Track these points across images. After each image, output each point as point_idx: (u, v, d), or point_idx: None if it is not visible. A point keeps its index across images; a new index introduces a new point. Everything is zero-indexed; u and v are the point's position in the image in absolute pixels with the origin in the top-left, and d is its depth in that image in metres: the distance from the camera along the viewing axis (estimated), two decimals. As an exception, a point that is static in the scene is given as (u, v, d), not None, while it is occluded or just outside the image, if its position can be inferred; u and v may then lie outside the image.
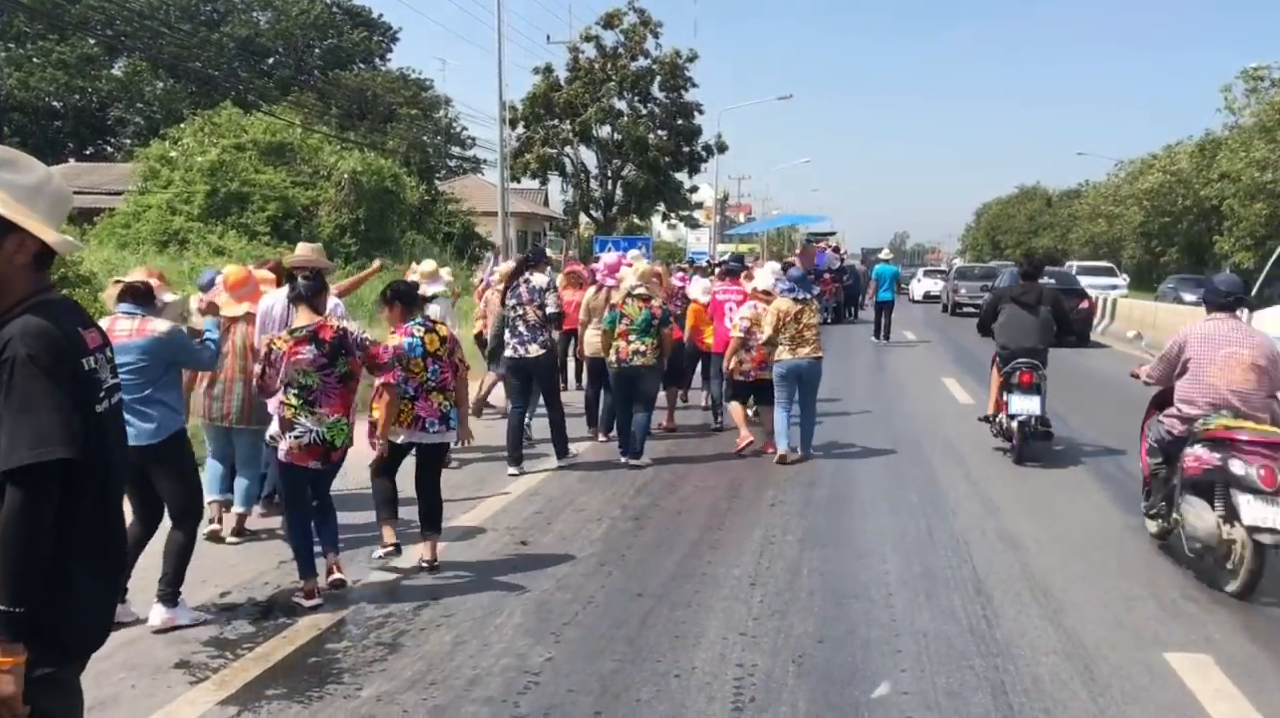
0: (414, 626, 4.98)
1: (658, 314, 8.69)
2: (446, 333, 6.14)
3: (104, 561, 2.34)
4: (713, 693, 4.19)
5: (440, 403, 5.98)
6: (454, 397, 6.08)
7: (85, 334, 2.31)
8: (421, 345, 5.94)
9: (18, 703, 2.11)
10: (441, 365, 6.01)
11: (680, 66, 38.08)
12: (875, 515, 7.15)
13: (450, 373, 6.07)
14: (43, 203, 2.24)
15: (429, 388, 5.96)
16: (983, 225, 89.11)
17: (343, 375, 5.36)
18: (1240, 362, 5.73)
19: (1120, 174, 45.84)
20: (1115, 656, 4.60)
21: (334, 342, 5.32)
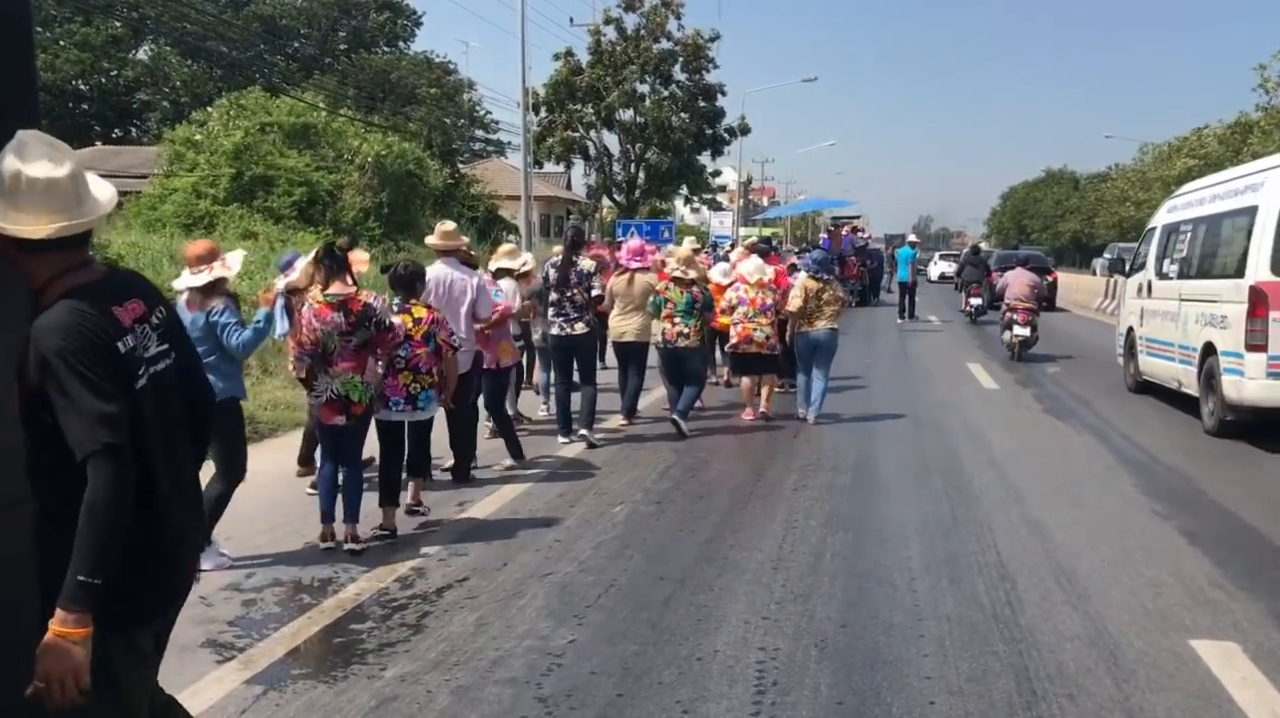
0: (437, 607, 5.01)
1: (699, 298, 9.33)
2: (424, 314, 6.32)
3: (154, 527, 2.36)
4: (735, 676, 4.19)
5: (408, 383, 6.24)
6: (426, 380, 6.30)
7: (120, 310, 2.32)
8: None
9: (84, 673, 2.17)
10: (413, 343, 6.22)
11: (702, 48, 37.83)
12: (898, 500, 7.13)
13: (426, 353, 6.28)
14: (21, 195, 2.23)
15: (398, 368, 6.22)
16: (1009, 209, 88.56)
17: (359, 344, 5.75)
18: (1021, 283, 15.44)
19: (1146, 158, 45.31)
20: (1140, 642, 4.57)
21: (360, 314, 5.72)
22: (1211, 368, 9.35)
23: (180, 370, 2.52)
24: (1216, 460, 8.39)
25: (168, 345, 2.45)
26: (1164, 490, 7.39)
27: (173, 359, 2.47)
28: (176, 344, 2.51)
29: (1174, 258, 11.03)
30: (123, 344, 2.29)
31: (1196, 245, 10.50)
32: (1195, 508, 6.92)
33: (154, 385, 2.38)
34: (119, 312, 2.32)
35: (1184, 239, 10.86)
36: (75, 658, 2.16)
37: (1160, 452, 8.69)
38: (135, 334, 2.33)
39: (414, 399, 6.30)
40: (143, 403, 2.33)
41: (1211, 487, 7.46)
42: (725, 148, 40.97)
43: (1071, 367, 14.97)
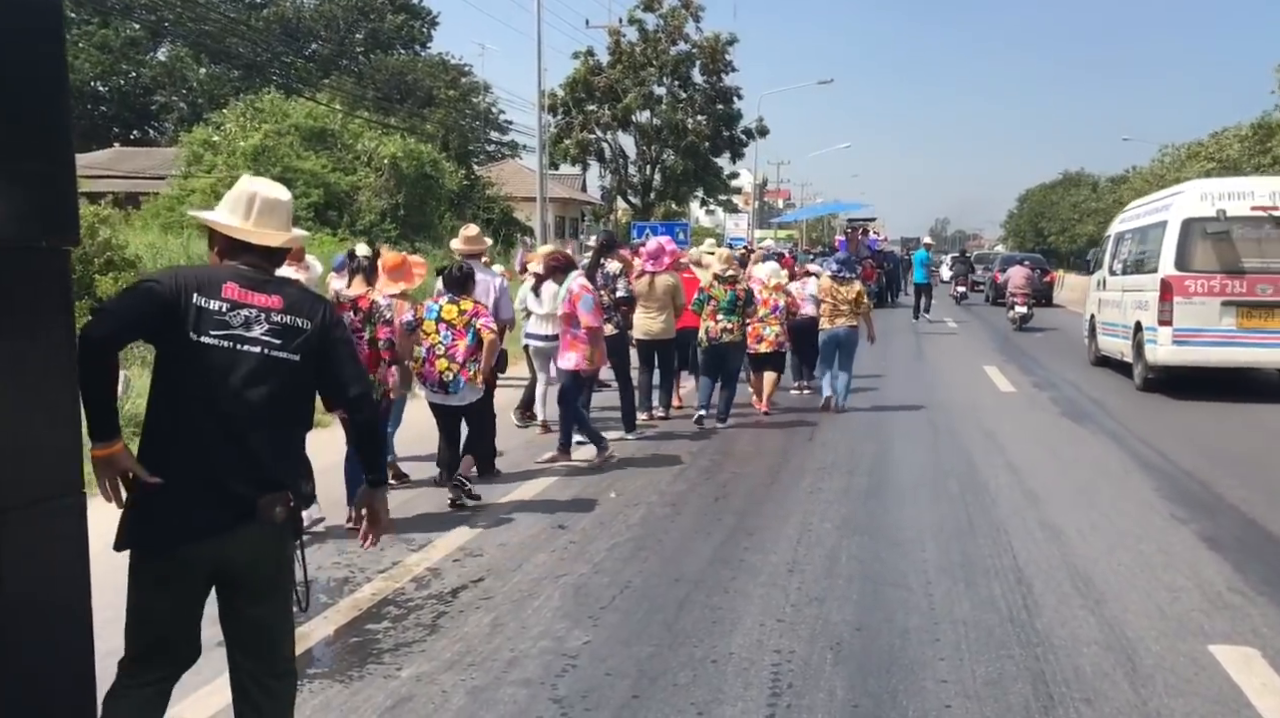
0: (453, 607, 5.02)
1: (741, 295, 9.86)
2: (469, 307, 6.82)
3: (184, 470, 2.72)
4: (750, 679, 4.19)
5: (443, 370, 6.73)
6: (458, 364, 6.73)
7: (226, 286, 2.80)
8: (438, 311, 6.78)
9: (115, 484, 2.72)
10: (454, 333, 6.73)
11: (720, 50, 37.84)
12: (914, 504, 7.10)
13: (465, 344, 6.74)
14: (225, 205, 2.98)
15: (437, 354, 6.74)
16: (1026, 212, 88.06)
17: (370, 339, 6.23)
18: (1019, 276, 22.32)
19: (1164, 160, 44.93)
20: (1158, 647, 4.54)
21: (368, 311, 6.29)
22: (1139, 340, 12.48)
23: (292, 366, 2.85)
24: (1235, 465, 8.33)
25: (282, 343, 2.82)
26: (1183, 495, 7.35)
27: (282, 353, 2.83)
28: (299, 349, 2.86)
29: (1119, 259, 14.19)
30: (200, 300, 2.75)
31: (1133, 249, 13.60)
32: (1214, 513, 6.87)
33: (229, 349, 2.76)
34: (226, 285, 2.80)
35: (1126, 245, 14.01)
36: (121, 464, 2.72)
37: (1179, 456, 8.64)
38: (232, 307, 2.78)
39: (445, 385, 6.75)
40: (208, 354, 2.74)
41: (1231, 491, 7.41)
42: (743, 150, 40.97)
43: (1053, 340, 19.63)
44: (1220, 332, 11.58)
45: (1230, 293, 11.55)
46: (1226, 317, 11.56)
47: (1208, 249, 11.68)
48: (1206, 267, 11.66)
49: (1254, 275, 11.47)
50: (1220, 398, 11.77)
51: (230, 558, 2.80)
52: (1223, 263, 11.61)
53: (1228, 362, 11.76)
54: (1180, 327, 11.65)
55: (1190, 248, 11.73)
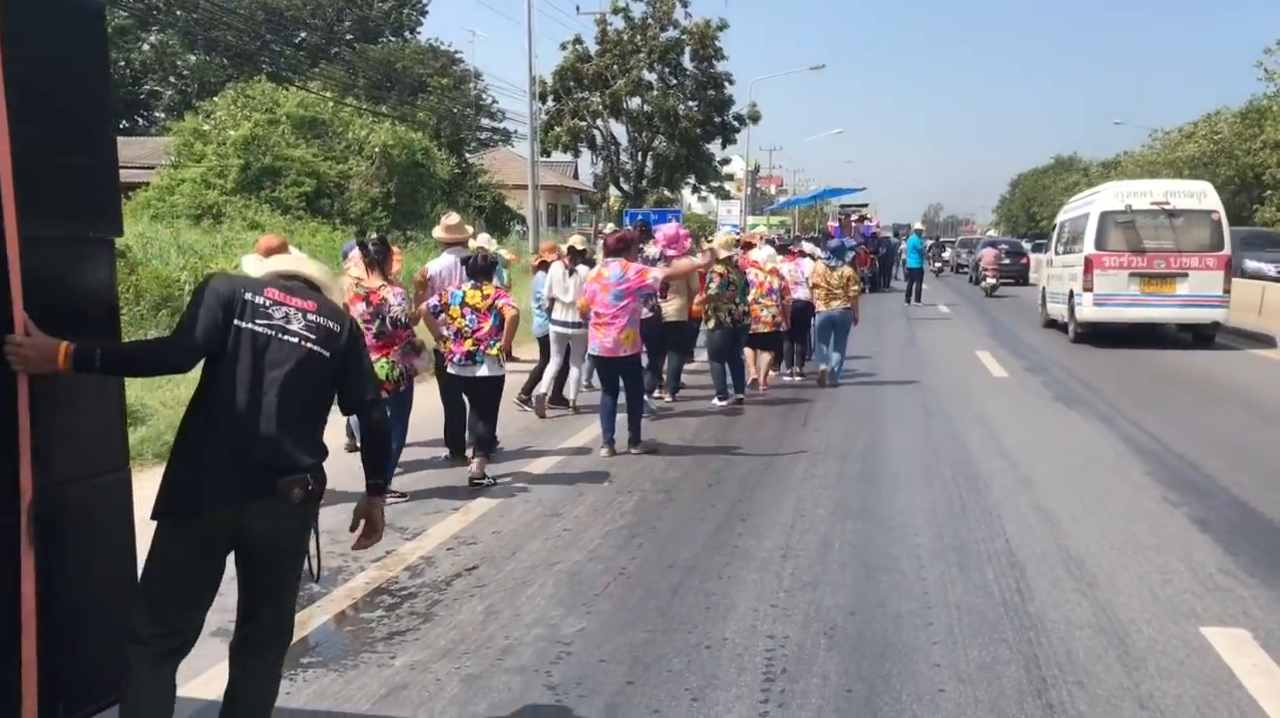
0: (447, 595, 5.02)
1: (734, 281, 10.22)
2: (492, 291, 7.28)
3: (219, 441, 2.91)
4: (744, 664, 4.20)
5: (469, 347, 7.18)
6: (482, 346, 7.16)
7: (268, 290, 3.08)
8: (462, 297, 7.22)
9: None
10: (479, 316, 7.15)
11: (710, 37, 37.70)
12: (907, 488, 7.11)
13: (489, 328, 7.17)
14: None
15: (464, 335, 7.19)
16: (1018, 196, 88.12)
17: (377, 332, 6.54)
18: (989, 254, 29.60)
19: (1156, 144, 44.91)
20: (1150, 630, 4.56)
21: (377, 305, 6.61)
22: (1072, 304, 16.03)
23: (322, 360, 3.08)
24: (1226, 448, 8.36)
25: (315, 337, 3.07)
26: (1174, 478, 7.37)
27: (314, 346, 3.06)
28: (326, 345, 3.09)
29: (1061, 242, 17.72)
30: (251, 296, 3.02)
31: (1069, 235, 17.10)
32: (1205, 496, 6.89)
33: (270, 337, 3.00)
34: (268, 290, 3.07)
35: (1065, 231, 17.58)
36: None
37: (1170, 439, 8.66)
38: (274, 304, 3.05)
39: (472, 356, 7.20)
40: (253, 339, 2.97)
41: (1222, 474, 7.43)
42: (735, 136, 40.89)
43: (1016, 305, 24.50)
44: (1128, 296, 15.12)
45: (1135, 267, 15.10)
46: (1133, 284, 15.11)
47: (1119, 234, 15.27)
48: (1118, 247, 15.23)
49: (1152, 253, 15.12)
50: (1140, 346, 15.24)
51: (248, 528, 2.96)
52: (1129, 244, 15.21)
53: (1134, 319, 15.39)
54: (1099, 292, 15.22)
55: (1106, 233, 15.30)
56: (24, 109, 2.70)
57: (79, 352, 2.77)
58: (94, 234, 3.04)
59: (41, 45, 2.80)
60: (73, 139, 2.91)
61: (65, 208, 2.89)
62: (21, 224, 2.68)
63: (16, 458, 2.72)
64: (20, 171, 2.68)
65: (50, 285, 2.81)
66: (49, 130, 2.83)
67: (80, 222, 2.96)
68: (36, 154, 2.76)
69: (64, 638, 2.87)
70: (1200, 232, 15.11)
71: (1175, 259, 15.02)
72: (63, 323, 2.78)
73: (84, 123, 2.96)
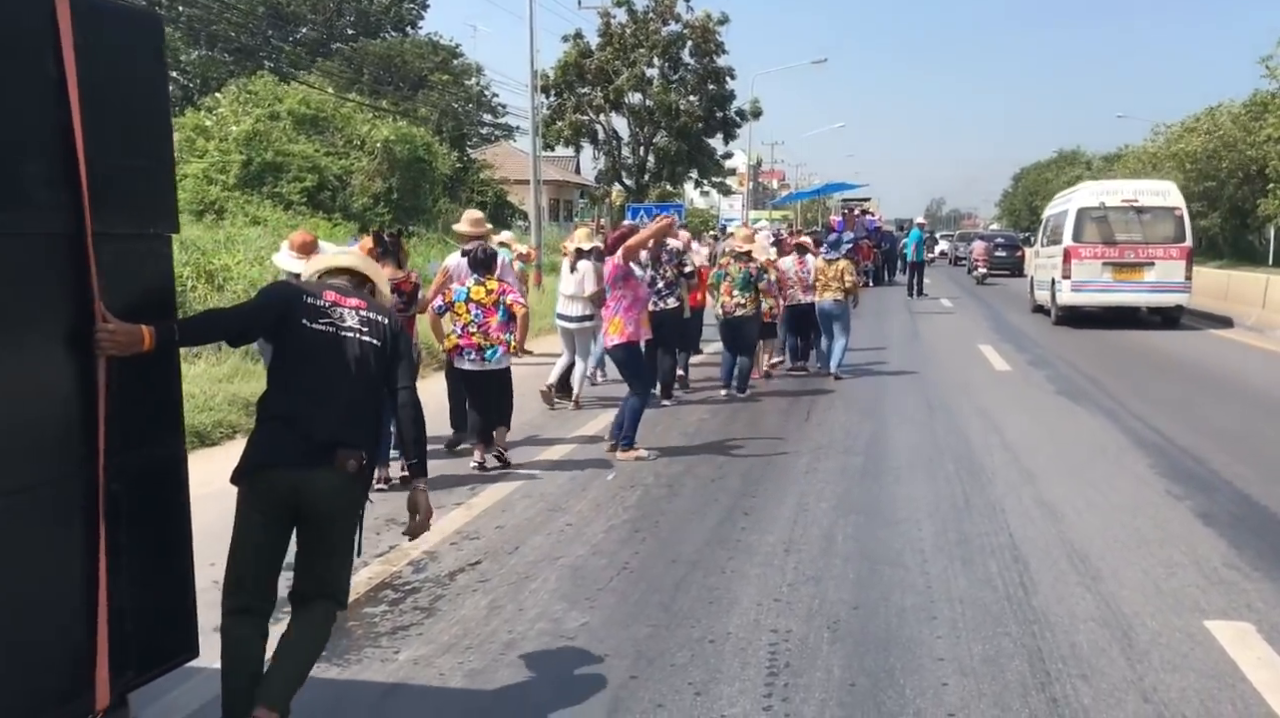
0: (450, 590, 5.02)
1: (754, 273, 10.42)
2: (495, 286, 7.42)
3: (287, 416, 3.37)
4: (747, 658, 4.19)
5: (480, 342, 7.34)
6: (494, 340, 7.36)
7: (326, 294, 3.51)
8: (466, 293, 7.37)
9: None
10: (485, 311, 7.33)
11: (711, 31, 37.68)
12: (911, 482, 7.11)
13: (496, 321, 7.36)
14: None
15: (471, 331, 7.35)
16: (1021, 190, 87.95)
17: (411, 317, 7.05)
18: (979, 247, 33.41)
19: (1158, 139, 44.77)
20: (1154, 623, 4.55)
21: (410, 292, 7.11)
22: (1054, 290, 17.93)
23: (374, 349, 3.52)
24: (1230, 441, 8.35)
25: (368, 331, 3.51)
26: (1178, 471, 7.36)
27: (368, 338, 3.50)
28: (379, 337, 3.52)
29: (1046, 235, 19.61)
30: (313, 300, 3.47)
31: (1052, 228, 18.89)
32: (1210, 489, 6.89)
33: (332, 334, 3.44)
34: (325, 294, 3.51)
35: (1050, 225, 19.39)
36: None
37: (1174, 432, 8.65)
38: (331, 305, 3.48)
39: (482, 351, 7.36)
40: (316, 337, 3.42)
41: (1226, 467, 7.42)
42: (737, 131, 40.84)
43: (1007, 292, 26.67)
44: (1102, 282, 17.06)
45: (1107, 257, 17.04)
46: (1106, 272, 17.03)
47: (1093, 228, 17.21)
48: (1093, 239, 17.16)
49: (1123, 245, 17.06)
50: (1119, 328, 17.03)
51: (307, 491, 3.33)
52: (1103, 237, 17.12)
53: (1107, 303, 17.33)
54: (1076, 279, 17.16)
55: (1082, 227, 17.26)
56: (94, 116, 2.91)
57: (160, 331, 3.12)
58: (154, 230, 3.30)
59: (109, 56, 3.02)
60: (136, 142, 3.14)
61: (130, 206, 3.12)
62: (94, 221, 2.92)
63: (96, 435, 2.96)
64: (92, 173, 2.90)
65: (119, 277, 3.05)
66: (115, 134, 3.04)
67: (143, 219, 3.21)
68: (105, 157, 2.98)
69: (131, 605, 3.11)
70: (1165, 226, 17.09)
71: (1143, 250, 16.98)
72: (131, 310, 3.06)
73: (145, 127, 3.20)
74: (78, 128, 2.85)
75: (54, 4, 2.81)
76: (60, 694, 2.93)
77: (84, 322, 2.92)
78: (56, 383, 2.89)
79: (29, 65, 2.78)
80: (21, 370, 2.77)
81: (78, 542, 2.95)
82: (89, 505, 2.96)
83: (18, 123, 2.74)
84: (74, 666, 2.96)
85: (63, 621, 2.94)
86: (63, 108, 2.84)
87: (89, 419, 2.96)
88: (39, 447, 2.84)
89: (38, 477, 2.83)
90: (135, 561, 3.14)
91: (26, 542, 2.81)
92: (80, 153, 2.87)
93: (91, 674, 2.99)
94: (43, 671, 2.89)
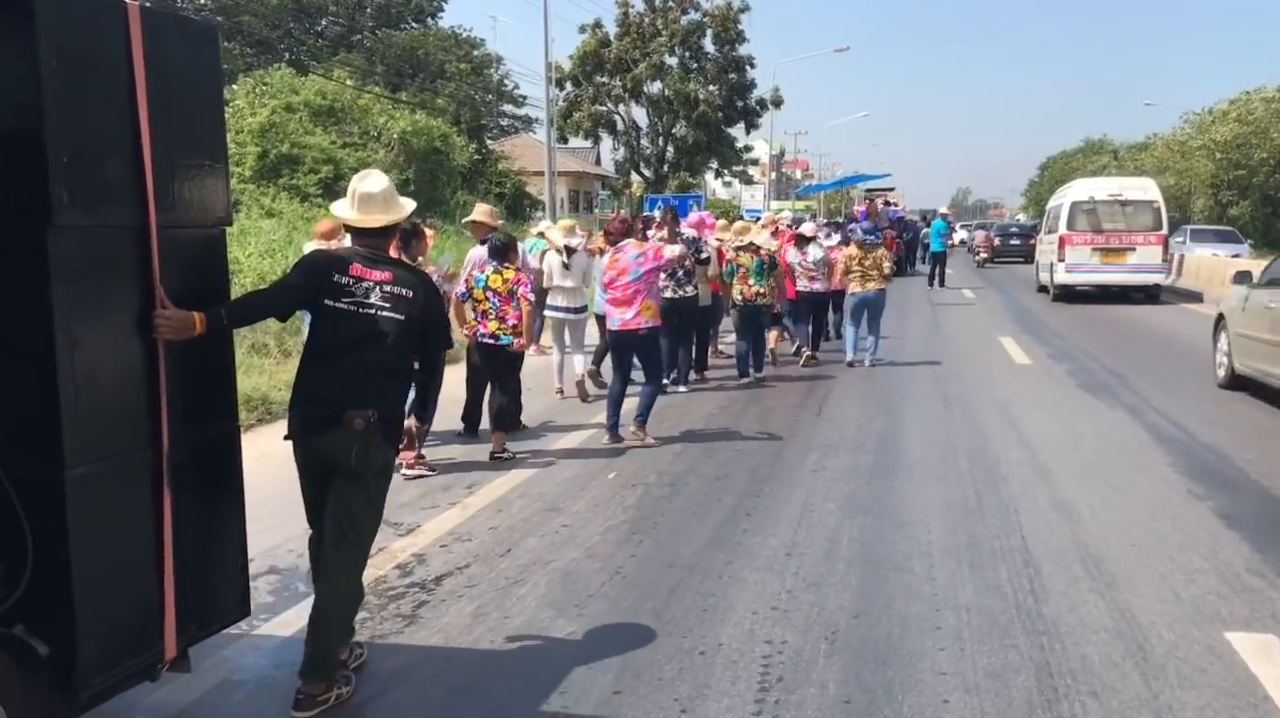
0: (435, 596, 4.84)
1: (767, 260, 10.61)
2: (512, 275, 7.54)
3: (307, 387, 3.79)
4: (738, 672, 3.99)
5: (495, 328, 7.51)
6: (508, 328, 7.50)
7: (353, 267, 3.74)
8: (485, 280, 7.49)
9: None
10: (502, 300, 7.45)
11: (731, 19, 37.33)
12: (922, 482, 6.87)
13: (511, 309, 7.49)
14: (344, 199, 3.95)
15: (489, 317, 7.51)
16: (1047, 179, 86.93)
17: None
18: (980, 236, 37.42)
19: (1187, 126, 43.96)
20: (1171, 634, 4.31)
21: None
22: (1052, 271, 20.90)
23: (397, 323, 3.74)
24: (1257, 438, 8.06)
25: (390, 306, 3.72)
26: (1200, 470, 7.09)
27: (389, 313, 3.73)
28: (403, 311, 3.74)
29: (1048, 226, 22.38)
30: (338, 277, 3.71)
31: (1051, 219, 21.99)
32: (1234, 489, 6.62)
33: (353, 311, 3.70)
34: (352, 266, 3.74)
35: (1050, 216, 22.44)
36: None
37: (1197, 429, 8.37)
38: (355, 281, 3.71)
39: (496, 338, 7.53)
40: (340, 314, 3.69)
41: (1252, 466, 7.15)
42: (758, 120, 40.49)
43: (1013, 273, 29.99)
44: (1091, 264, 19.93)
45: (1095, 244, 19.88)
46: (1094, 256, 19.87)
47: (1084, 219, 20.07)
48: (1083, 228, 20.01)
49: (1109, 233, 19.89)
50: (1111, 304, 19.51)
51: (325, 451, 3.74)
52: (1092, 226, 19.96)
53: (1095, 282, 20.16)
54: (1069, 262, 20.04)
55: (1075, 218, 20.11)
56: (159, 119, 3.19)
57: (209, 318, 3.38)
58: (211, 224, 3.56)
59: (172, 64, 3.28)
60: (195, 142, 3.41)
61: (190, 202, 3.38)
62: (158, 215, 3.20)
63: (159, 411, 3.25)
64: (157, 172, 3.19)
65: (179, 267, 3.33)
66: (177, 135, 3.30)
67: (201, 213, 3.46)
68: (169, 156, 3.26)
69: (194, 565, 3.41)
70: (1145, 216, 19.93)
71: (1126, 237, 19.86)
72: (190, 298, 3.34)
73: (203, 127, 3.47)
74: (145, 131, 3.13)
75: (128, 21, 3.10)
76: (136, 646, 3.23)
77: (150, 309, 3.23)
78: (134, 363, 3.20)
79: (110, 78, 3.07)
80: (110, 351, 3.11)
81: (151, 507, 3.26)
82: (158, 474, 3.26)
83: (102, 129, 3.05)
84: (147, 619, 3.26)
85: (140, 577, 3.24)
86: (134, 113, 3.12)
87: (157, 395, 3.26)
88: (123, 419, 3.16)
89: (123, 445, 3.16)
90: (197, 525, 3.45)
91: (116, 505, 3.14)
92: (147, 153, 3.14)
93: (161, 628, 3.29)
94: (123, 622, 3.18)
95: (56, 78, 2.86)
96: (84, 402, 2.98)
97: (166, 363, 3.26)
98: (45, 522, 2.92)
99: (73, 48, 2.93)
